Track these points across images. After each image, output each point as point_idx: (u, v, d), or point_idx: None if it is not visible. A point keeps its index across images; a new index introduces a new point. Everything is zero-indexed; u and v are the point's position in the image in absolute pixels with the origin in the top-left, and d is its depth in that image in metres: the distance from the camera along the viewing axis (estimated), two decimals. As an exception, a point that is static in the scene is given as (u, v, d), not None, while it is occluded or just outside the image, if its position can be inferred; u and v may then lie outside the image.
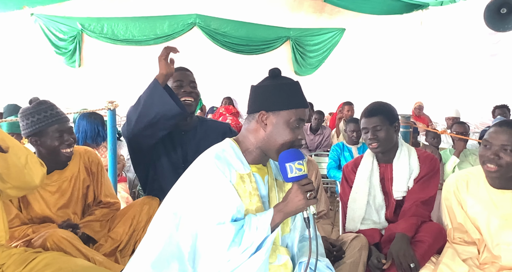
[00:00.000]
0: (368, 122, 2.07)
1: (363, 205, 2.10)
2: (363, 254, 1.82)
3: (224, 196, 1.33)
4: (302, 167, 1.34)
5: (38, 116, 1.88)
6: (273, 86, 1.40)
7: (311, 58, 8.81)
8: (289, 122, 1.38)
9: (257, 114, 1.40)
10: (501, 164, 1.63)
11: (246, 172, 1.40)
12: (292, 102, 1.39)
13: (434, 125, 6.72)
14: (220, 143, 1.47)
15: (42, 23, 7.47)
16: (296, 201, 1.32)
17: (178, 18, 7.85)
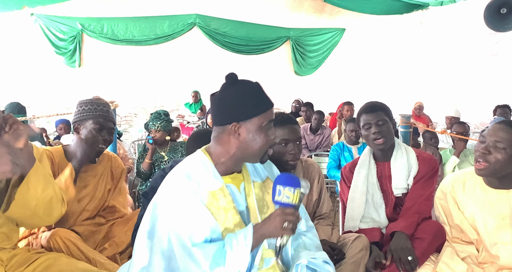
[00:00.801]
0: (370, 117, 2.04)
1: (361, 203, 2.10)
2: (364, 254, 1.82)
3: (196, 218, 1.31)
4: (291, 195, 1.30)
5: (90, 106, 2.01)
6: (238, 96, 1.36)
7: (311, 58, 8.81)
8: (262, 127, 1.37)
9: (227, 126, 1.37)
10: (489, 161, 1.61)
11: (218, 187, 1.37)
12: (260, 106, 1.38)
13: (434, 125, 6.72)
14: (191, 157, 1.44)
15: (42, 23, 7.47)
16: (272, 226, 1.30)
17: (178, 18, 7.85)
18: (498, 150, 1.59)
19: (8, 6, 6.76)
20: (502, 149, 1.59)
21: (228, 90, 1.38)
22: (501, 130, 1.61)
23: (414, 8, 6.92)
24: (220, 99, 1.39)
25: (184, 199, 1.33)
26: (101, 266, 1.82)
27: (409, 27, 7.10)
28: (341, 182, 2.27)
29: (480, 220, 1.74)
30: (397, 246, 1.75)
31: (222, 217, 1.35)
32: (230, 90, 1.38)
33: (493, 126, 1.65)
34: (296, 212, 1.31)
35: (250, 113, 1.36)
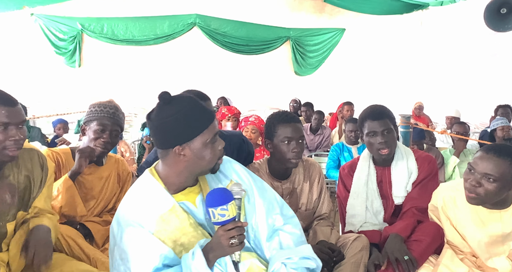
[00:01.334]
0: (376, 125, 1.98)
1: (362, 210, 2.08)
2: (364, 254, 1.81)
3: (143, 248, 1.30)
4: (225, 212, 1.27)
5: (98, 108, 2.02)
6: (176, 118, 1.31)
7: (311, 58, 8.80)
8: (206, 143, 1.34)
9: (170, 150, 1.35)
10: (479, 193, 1.57)
11: (168, 208, 1.35)
12: (200, 125, 1.33)
13: (434, 125, 6.72)
14: (140, 180, 1.43)
15: (42, 23, 7.46)
16: (219, 247, 1.27)
17: (178, 18, 7.84)
18: (489, 182, 1.55)
19: (8, 6, 6.75)
20: (493, 181, 1.54)
21: (164, 112, 1.33)
22: (490, 160, 1.54)
23: (414, 8, 6.91)
24: (158, 124, 1.34)
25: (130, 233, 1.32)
26: (102, 264, 1.82)
27: (409, 27, 7.09)
28: (338, 183, 2.26)
29: (472, 236, 1.73)
30: (392, 248, 1.74)
31: (178, 237, 1.34)
32: (166, 112, 1.32)
33: (481, 155, 1.58)
34: (237, 222, 1.28)
35: (191, 134, 1.32)
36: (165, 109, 1.33)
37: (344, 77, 8.42)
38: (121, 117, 2.09)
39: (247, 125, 3.43)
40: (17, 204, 1.61)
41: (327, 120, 6.60)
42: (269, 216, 1.49)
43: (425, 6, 6.77)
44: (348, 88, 8.08)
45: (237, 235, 1.26)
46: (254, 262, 1.37)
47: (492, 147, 1.60)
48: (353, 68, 8.33)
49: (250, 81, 8.22)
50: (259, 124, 3.43)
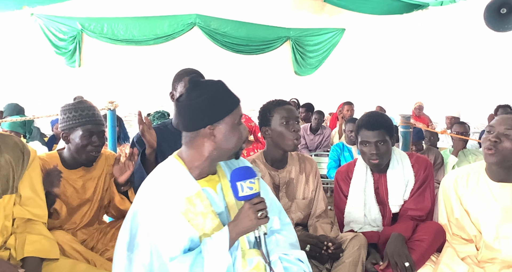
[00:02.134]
0: (370, 136, 1.98)
1: (360, 218, 2.09)
2: (362, 253, 1.82)
3: (173, 229, 1.31)
4: (253, 185, 1.33)
5: (74, 113, 1.94)
6: (207, 98, 1.36)
7: (311, 58, 8.80)
8: (235, 124, 1.39)
9: (201, 130, 1.37)
10: (499, 149, 1.62)
11: (194, 192, 1.38)
12: (229, 105, 1.40)
13: (434, 125, 6.72)
14: (164, 164, 1.44)
15: (42, 23, 7.46)
16: (246, 221, 1.32)
17: (178, 18, 7.84)
18: (508, 138, 1.61)
19: (8, 6, 6.75)
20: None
21: (194, 94, 1.37)
22: (509, 119, 1.64)
23: (414, 8, 6.91)
24: (189, 105, 1.38)
25: (161, 211, 1.32)
26: (101, 266, 1.82)
27: (409, 27, 7.09)
28: (335, 186, 2.25)
29: (483, 213, 1.75)
30: (394, 251, 1.74)
31: (200, 223, 1.36)
32: (197, 94, 1.37)
33: (501, 116, 1.67)
34: (260, 198, 1.35)
35: (222, 113, 1.37)
36: (195, 91, 1.38)
37: (344, 77, 8.42)
38: (99, 113, 2.04)
39: None
40: (1, 186, 1.63)
41: (327, 120, 6.60)
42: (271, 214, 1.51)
43: (425, 6, 6.77)
44: (348, 88, 8.08)
45: (263, 209, 1.33)
46: (261, 259, 1.38)
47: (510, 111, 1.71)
48: (353, 68, 8.33)
49: (250, 81, 8.21)
50: (245, 122, 3.44)
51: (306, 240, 1.82)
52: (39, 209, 1.74)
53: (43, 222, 1.77)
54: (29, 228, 1.69)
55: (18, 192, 1.69)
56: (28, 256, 1.61)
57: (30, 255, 1.61)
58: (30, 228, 1.70)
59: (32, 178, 1.75)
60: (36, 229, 1.70)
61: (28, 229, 1.69)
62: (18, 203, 1.70)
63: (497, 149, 1.63)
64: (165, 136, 2.16)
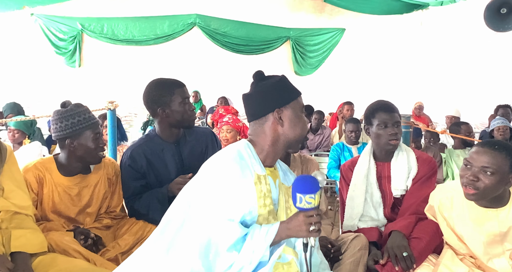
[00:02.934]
0: (388, 117, 2.07)
1: (360, 202, 2.11)
2: (363, 253, 1.83)
3: (241, 193, 1.36)
4: (312, 200, 1.32)
5: (78, 118, 1.95)
6: (274, 85, 1.47)
7: (311, 58, 8.80)
8: (298, 111, 1.47)
9: (270, 115, 1.44)
10: (478, 187, 1.58)
11: (263, 173, 1.43)
12: (293, 92, 1.50)
13: (434, 125, 6.73)
14: (237, 143, 1.49)
15: (42, 23, 7.46)
16: (297, 230, 1.33)
17: (178, 18, 7.84)
18: (486, 175, 1.56)
19: (8, 6, 6.74)
20: (491, 175, 1.55)
21: (260, 84, 1.48)
22: (486, 154, 1.57)
23: (414, 8, 6.90)
24: (257, 93, 1.49)
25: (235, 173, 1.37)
26: (101, 265, 1.82)
27: (409, 27, 7.09)
28: (340, 180, 2.28)
29: (470, 237, 1.73)
30: (393, 244, 1.77)
31: (261, 201, 1.40)
32: (263, 83, 1.50)
33: (477, 149, 1.60)
34: (317, 211, 1.35)
35: (288, 99, 1.46)
36: (261, 82, 1.49)
37: (344, 77, 8.43)
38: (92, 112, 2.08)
39: (222, 126, 3.45)
40: None
41: (327, 120, 6.60)
42: None
43: (425, 6, 6.77)
44: (348, 88, 8.09)
45: (317, 222, 1.33)
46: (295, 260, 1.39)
47: (487, 142, 1.63)
48: (353, 68, 8.34)
49: (250, 81, 8.20)
50: (233, 122, 3.45)
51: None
52: (22, 200, 1.75)
53: (29, 214, 1.77)
54: (14, 223, 1.70)
55: (0, 185, 1.70)
56: (16, 251, 1.62)
57: (16, 250, 1.62)
58: (15, 222, 1.70)
59: (13, 172, 1.75)
60: (22, 223, 1.71)
61: (13, 224, 1.70)
62: (1, 196, 1.70)
63: (475, 187, 1.59)
64: (153, 150, 2.14)
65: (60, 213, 2.02)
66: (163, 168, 2.10)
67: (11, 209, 1.71)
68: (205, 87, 8.16)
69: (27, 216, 1.77)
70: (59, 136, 1.97)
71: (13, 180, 1.74)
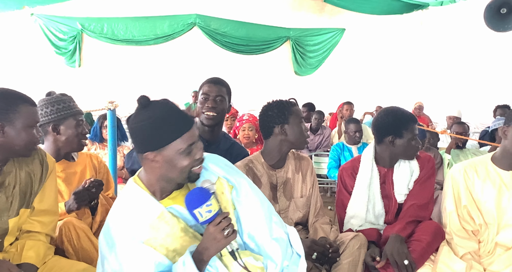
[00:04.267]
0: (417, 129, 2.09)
1: (362, 213, 2.09)
2: (362, 253, 1.82)
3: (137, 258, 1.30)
4: (211, 207, 1.28)
5: (63, 104, 2.00)
6: (146, 125, 1.29)
7: (311, 58, 8.80)
8: (180, 152, 1.30)
9: (143, 155, 1.33)
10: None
11: (156, 215, 1.34)
12: (174, 133, 1.29)
13: (434, 125, 6.73)
14: (125, 189, 1.42)
15: (42, 23, 7.46)
16: (214, 243, 1.28)
17: (178, 18, 7.84)
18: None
19: (8, 6, 6.75)
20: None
21: (139, 117, 1.32)
22: None
23: (414, 8, 6.91)
24: (132, 128, 1.33)
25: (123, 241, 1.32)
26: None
27: (409, 27, 7.09)
28: (338, 184, 2.25)
29: (495, 201, 1.78)
30: (393, 250, 1.75)
31: (169, 243, 1.34)
32: (141, 117, 1.31)
33: None
34: (224, 214, 1.30)
35: (163, 141, 1.29)
36: (141, 114, 1.32)
37: (344, 77, 8.43)
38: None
39: (243, 124, 3.44)
40: (20, 201, 1.63)
41: (327, 120, 6.61)
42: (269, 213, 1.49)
43: (425, 6, 6.77)
44: (348, 88, 8.09)
45: (228, 225, 1.29)
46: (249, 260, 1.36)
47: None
48: (353, 68, 8.34)
49: (250, 81, 8.21)
50: (253, 120, 3.45)
51: (313, 247, 1.81)
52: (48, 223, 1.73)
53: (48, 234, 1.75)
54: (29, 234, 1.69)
55: (32, 205, 1.69)
56: (25, 262, 1.60)
57: (27, 261, 1.61)
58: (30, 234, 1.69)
59: (50, 191, 1.75)
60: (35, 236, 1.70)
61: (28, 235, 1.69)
62: (29, 215, 1.69)
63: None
64: None
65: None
66: None
67: (34, 230, 1.69)
68: (205, 87, 8.16)
69: (47, 235, 1.75)
70: (43, 122, 1.99)
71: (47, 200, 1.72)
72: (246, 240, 1.45)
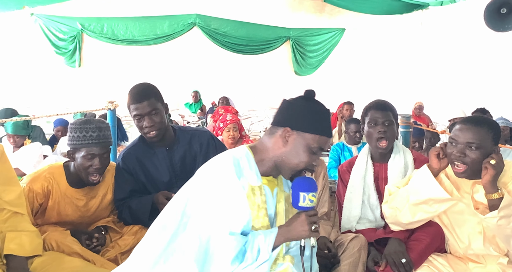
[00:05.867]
0: (379, 115, 2.02)
1: (358, 204, 2.10)
2: (362, 254, 1.82)
3: (237, 206, 1.35)
4: (314, 199, 1.34)
5: (79, 133, 1.93)
6: (306, 107, 1.40)
7: (311, 58, 8.81)
8: (310, 147, 1.38)
9: (281, 129, 1.40)
10: (466, 162, 1.63)
11: (257, 184, 1.40)
12: (319, 128, 1.39)
13: (434, 125, 6.72)
14: (236, 150, 1.47)
15: (42, 23, 7.46)
16: (299, 230, 1.33)
17: (178, 18, 7.85)
18: (473, 150, 1.62)
19: (8, 6, 6.75)
20: (475, 149, 1.62)
21: (300, 101, 1.43)
22: (469, 130, 1.63)
23: (414, 8, 6.91)
24: (289, 104, 1.44)
25: (230, 184, 1.36)
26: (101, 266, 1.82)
27: (409, 27, 7.09)
28: (338, 181, 2.27)
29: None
30: (391, 251, 1.77)
31: (254, 213, 1.39)
32: (302, 102, 1.42)
33: (460, 127, 1.67)
34: (316, 211, 1.37)
35: (306, 127, 1.38)
36: (303, 100, 1.43)
37: (344, 77, 8.43)
38: (107, 133, 2.01)
39: (227, 125, 3.41)
40: None
41: (327, 120, 6.59)
42: None
43: (425, 6, 6.77)
44: (348, 88, 8.08)
45: (317, 222, 1.34)
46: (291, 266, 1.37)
47: (468, 119, 1.70)
48: (353, 68, 8.34)
49: (250, 81, 8.21)
50: (236, 119, 3.46)
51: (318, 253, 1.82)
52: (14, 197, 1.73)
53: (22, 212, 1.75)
54: (9, 226, 1.69)
55: None
56: (9, 254, 1.61)
57: (9, 253, 1.62)
58: (10, 225, 1.69)
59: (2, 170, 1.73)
60: (17, 226, 1.70)
61: (9, 227, 1.69)
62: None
63: (464, 162, 1.64)
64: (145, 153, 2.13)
65: (64, 223, 2.02)
66: (155, 171, 2.09)
67: (2, 206, 1.70)
68: (205, 87, 8.15)
69: (23, 215, 1.75)
70: (68, 145, 2.00)
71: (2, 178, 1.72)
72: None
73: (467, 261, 1.77)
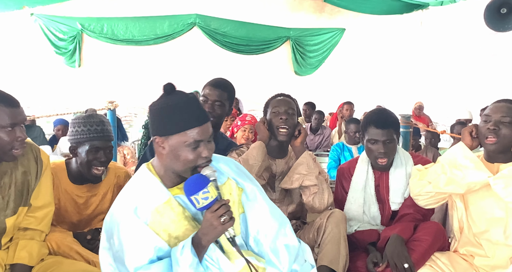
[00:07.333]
0: (380, 133, 1.95)
1: (359, 216, 2.08)
2: (341, 229, 1.82)
3: (138, 239, 1.31)
4: (208, 194, 1.29)
5: (83, 127, 1.93)
6: (162, 108, 1.32)
7: (311, 58, 8.80)
8: (185, 145, 1.31)
9: (155, 139, 1.35)
10: (499, 135, 1.68)
11: (164, 201, 1.36)
12: (180, 124, 1.30)
13: (434, 125, 6.73)
14: (137, 173, 1.45)
15: (42, 23, 7.46)
16: (211, 229, 1.29)
17: (178, 18, 7.84)
18: (506, 125, 1.67)
19: (8, 6, 6.75)
20: (509, 124, 1.67)
21: (159, 101, 1.35)
22: (503, 107, 1.71)
23: (414, 8, 6.91)
24: (150, 110, 1.37)
25: (127, 223, 1.33)
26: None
27: (409, 27, 7.09)
28: (336, 182, 2.25)
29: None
30: (393, 253, 1.73)
31: (172, 230, 1.35)
32: (161, 101, 1.34)
33: (495, 105, 1.74)
34: (221, 201, 1.32)
35: (169, 130, 1.31)
36: (161, 99, 1.35)
37: (344, 77, 8.42)
38: (109, 128, 2.02)
39: (244, 124, 3.44)
40: (16, 200, 1.63)
41: (327, 120, 6.60)
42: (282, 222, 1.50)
43: (425, 6, 6.78)
44: (348, 88, 8.08)
45: (225, 212, 1.29)
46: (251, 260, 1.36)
47: (503, 99, 1.76)
48: (353, 68, 8.33)
49: (250, 81, 8.20)
50: (255, 123, 3.47)
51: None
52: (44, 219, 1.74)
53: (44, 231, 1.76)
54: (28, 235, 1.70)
55: (29, 203, 1.69)
56: (18, 263, 1.62)
57: (19, 262, 1.62)
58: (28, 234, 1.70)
59: (45, 188, 1.75)
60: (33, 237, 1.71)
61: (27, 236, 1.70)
62: (26, 212, 1.70)
63: (497, 134, 1.68)
64: None
65: (63, 220, 2.02)
66: None
67: (29, 226, 1.71)
68: (205, 87, 8.15)
69: (42, 232, 1.75)
70: (69, 141, 1.99)
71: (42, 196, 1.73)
72: (251, 244, 1.46)
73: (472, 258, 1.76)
